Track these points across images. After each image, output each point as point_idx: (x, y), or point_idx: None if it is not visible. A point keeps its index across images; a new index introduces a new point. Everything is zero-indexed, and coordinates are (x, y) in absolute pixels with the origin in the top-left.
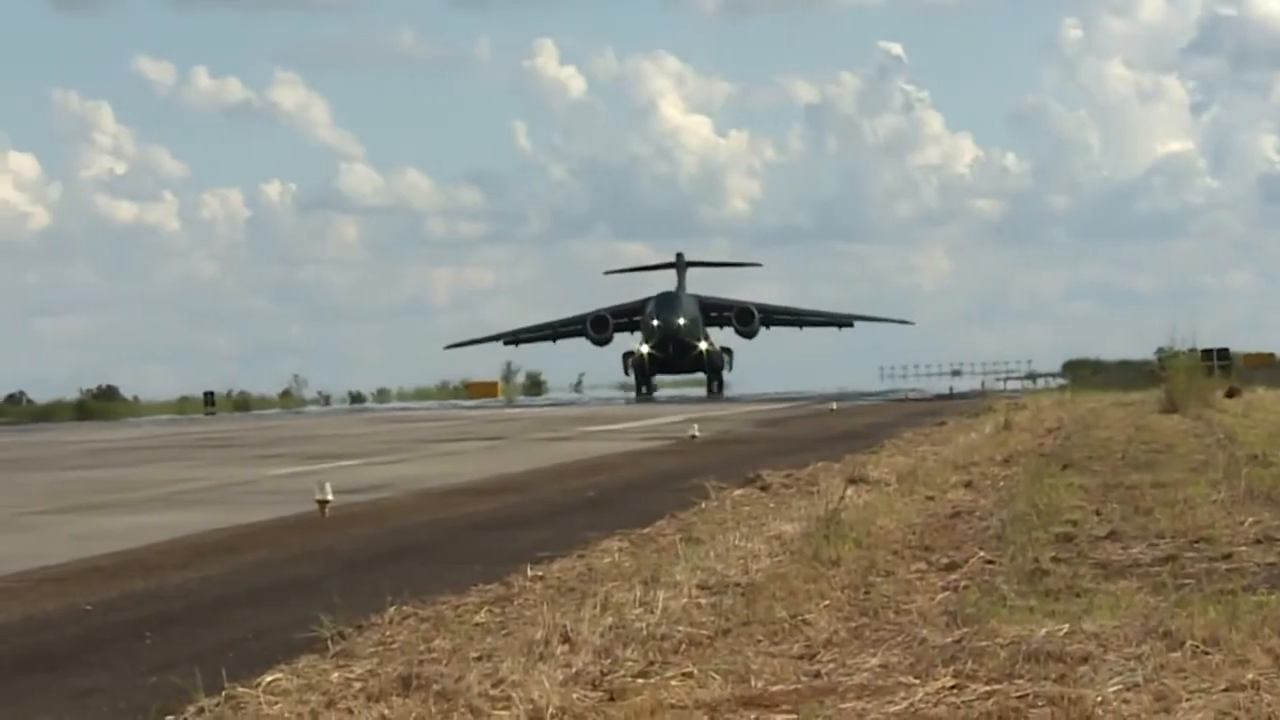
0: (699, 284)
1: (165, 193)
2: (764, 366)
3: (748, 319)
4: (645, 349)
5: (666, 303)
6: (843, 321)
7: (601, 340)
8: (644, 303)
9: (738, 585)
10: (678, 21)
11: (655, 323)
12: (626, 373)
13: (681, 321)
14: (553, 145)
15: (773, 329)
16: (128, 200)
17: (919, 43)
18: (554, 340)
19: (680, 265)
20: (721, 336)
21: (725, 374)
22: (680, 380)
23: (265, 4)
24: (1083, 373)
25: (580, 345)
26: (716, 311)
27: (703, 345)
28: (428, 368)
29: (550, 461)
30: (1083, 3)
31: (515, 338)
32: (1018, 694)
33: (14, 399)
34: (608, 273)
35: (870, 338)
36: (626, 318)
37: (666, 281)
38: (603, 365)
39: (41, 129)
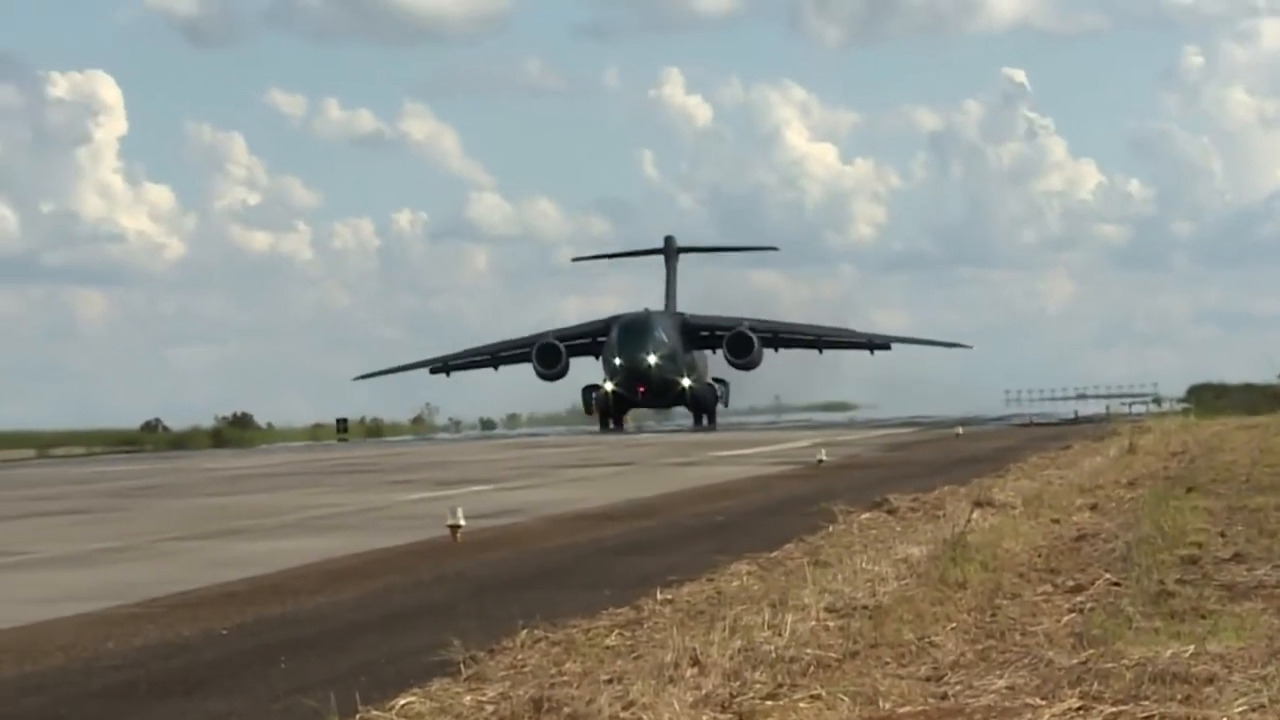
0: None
1: (298, 223)
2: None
3: (744, 348)
4: (610, 386)
5: (634, 335)
6: (878, 343)
7: (552, 375)
8: (606, 324)
9: (865, 608)
10: (802, 51)
11: (618, 361)
12: (589, 410)
13: (652, 361)
14: (680, 173)
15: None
16: (261, 230)
17: (1042, 70)
18: (495, 367)
19: (670, 251)
20: (718, 359)
21: (720, 406)
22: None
23: (395, 37)
24: (1207, 397)
25: (527, 373)
26: (708, 331)
27: (685, 382)
28: (555, 394)
29: (679, 486)
30: (1204, 30)
31: (445, 365)
32: (1143, 715)
33: (151, 427)
34: (576, 260)
35: (996, 361)
36: (588, 339)
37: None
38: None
39: (176, 161)
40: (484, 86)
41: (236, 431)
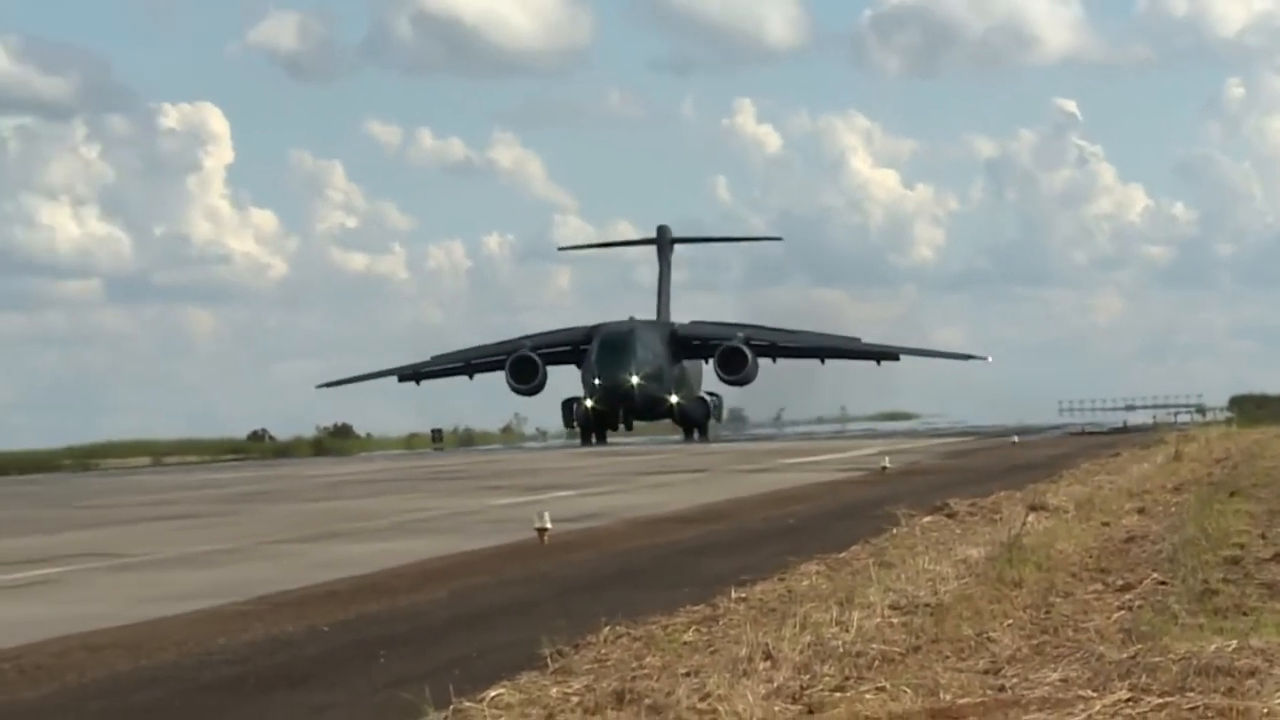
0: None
1: (393, 244)
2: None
3: (735, 364)
4: (590, 403)
5: (615, 352)
6: (886, 354)
7: (527, 390)
8: (588, 333)
9: (927, 605)
10: (866, 82)
11: (598, 380)
12: (569, 424)
13: (635, 380)
14: (751, 198)
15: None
16: (359, 251)
17: (1092, 100)
18: (470, 376)
19: (663, 242)
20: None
21: (712, 421)
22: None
23: (483, 70)
24: (1248, 406)
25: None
26: (700, 341)
27: (673, 399)
28: None
29: (751, 491)
30: (1245, 63)
31: (415, 373)
32: (1189, 706)
33: (257, 436)
34: (562, 249)
35: (1050, 373)
36: (567, 347)
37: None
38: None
39: (279, 187)
40: (567, 116)
41: (337, 441)
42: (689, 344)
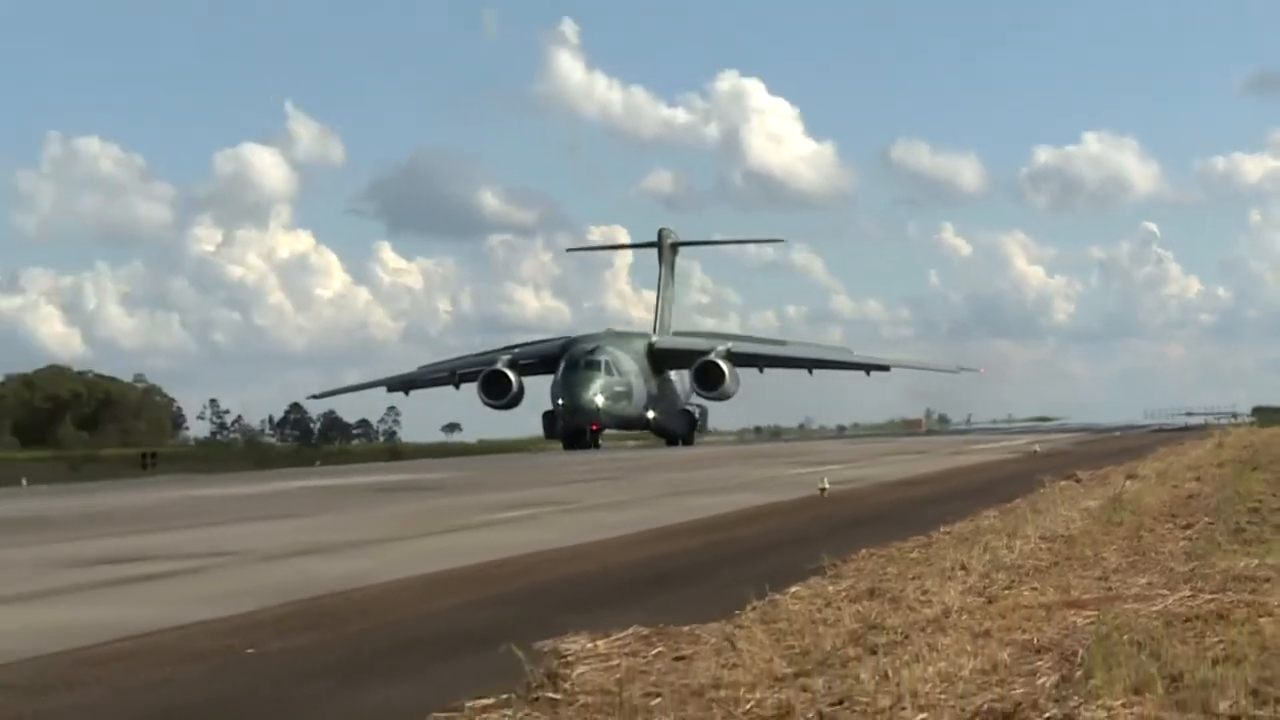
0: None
1: (731, 314)
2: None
3: (712, 378)
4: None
5: (578, 374)
6: (877, 366)
7: (500, 405)
8: (563, 345)
9: (1062, 536)
10: (1024, 212)
11: (561, 402)
12: (549, 435)
13: (600, 402)
14: (952, 283)
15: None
16: (707, 317)
17: (1166, 223)
18: (456, 386)
19: (663, 246)
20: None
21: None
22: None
23: (786, 204)
24: (1265, 414)
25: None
26: (680, 354)
27: (649, 415)
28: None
29: (954, 465)
30: (1262, 200)
31: (405, 383)
32: (1228, 600)
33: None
34: (569, 250)
35: (1140, 393)
36: (544, 359)
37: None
38: None
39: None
40: (837, 233)
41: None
42: (669, 357)
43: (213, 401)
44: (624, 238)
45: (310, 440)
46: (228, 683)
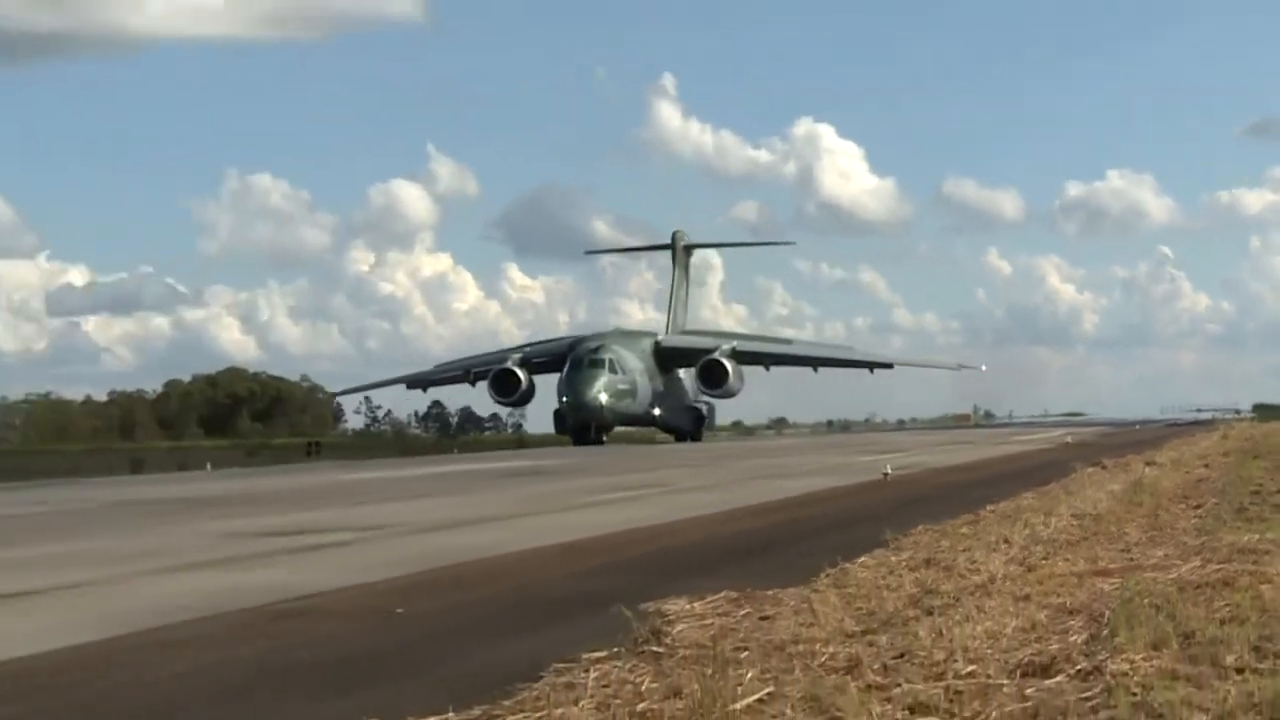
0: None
1: (807, 325)
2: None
3: (716, 377)
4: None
5: (582, 373)
6: (880, 364)
7: (509, 402)
8: (571, 344)
9: (1090, 515)
10: (1056, 238)
11: (566, 399)
12: (559, 431)
13: (604, 400)
14: (996, 298)
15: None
16: (790, 328)
17: (1178, 247)
18: (472, 383)
19: (677, 248)
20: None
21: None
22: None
23: (853, 229)
24: (1264, 411)
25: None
26: (686, 352)
27: (655, 412)
28: (939, 407)
29: (998, 454)
30: (1262, 227)
31: (423, 381)
32: (1233, 569)
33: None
34: (588, 252)
35: (1156, 392)
36: (553, 358)
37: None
38: None
39: (744, 296)
40: (898, 257)
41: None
42: (676, 355)
43: (366, 399)
44: (716, 260)
45: (449, 432)
46: (382, 637)
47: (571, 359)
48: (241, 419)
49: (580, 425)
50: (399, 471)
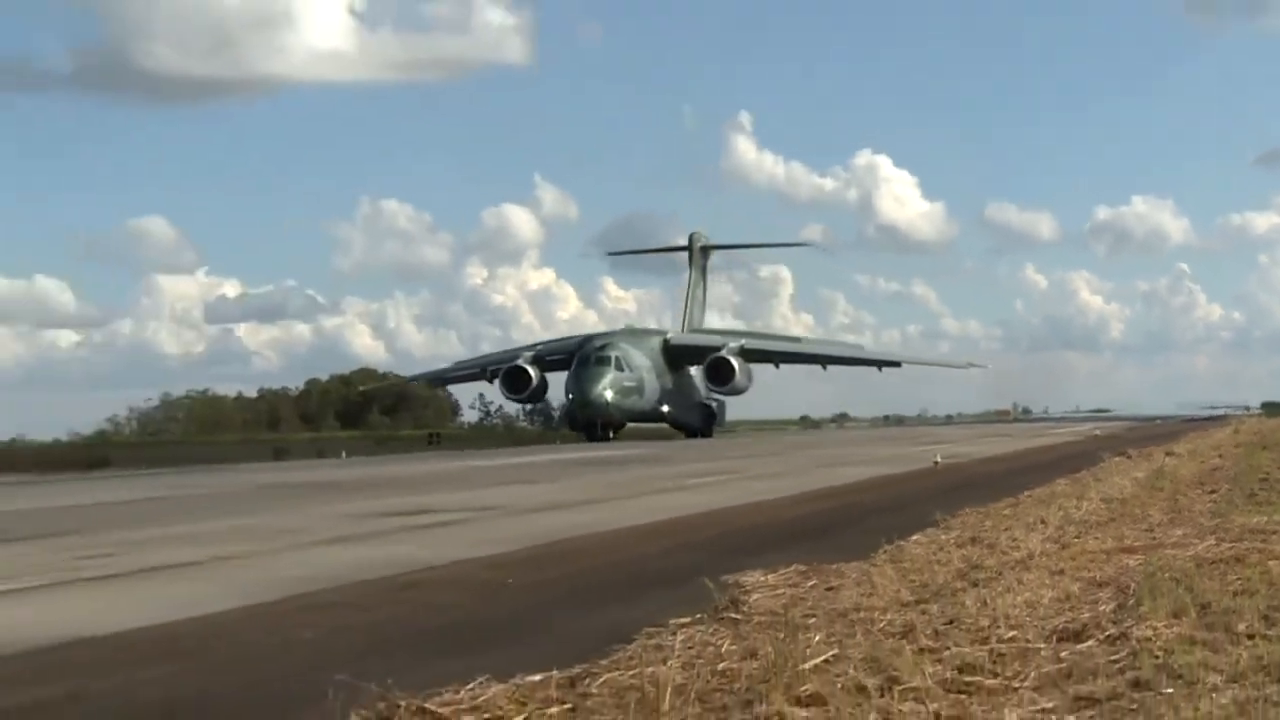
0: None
1: (865, 332)
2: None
3: (723, 374)
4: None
5: (589, 371)
6: (888, 362)
7: (521, 399)
8: (580, 343)
9: (1116, 499)
10: (1088, 256)
11: (572, 397)
12: (572, 429)
13: (609, 397)
14: (1032, 309)
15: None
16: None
17: (1195, 264)
18: (490, 380)
19: (694, 249)
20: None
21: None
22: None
23: (907, 248)
24: (1272, 408)
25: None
26: (694, 350)
27: (664, 409)
28: (981, 403)
29: (1034, 445)
30: (1270, 245)
31: (441, 378)
32: (1244, 547)
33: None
34: (609, 254)
35: (1175, 389)
36: (565, 355)
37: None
38: None
39: (812, 306)
40: (946, 273)
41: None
42: (685, 353)
43: (480, 395)
44: (786, 274)
45: (551, 425)
46: (493, 605)
47: (579, 357)
48: (372, 414)
49: (588, 422)
50: (509, 460)
